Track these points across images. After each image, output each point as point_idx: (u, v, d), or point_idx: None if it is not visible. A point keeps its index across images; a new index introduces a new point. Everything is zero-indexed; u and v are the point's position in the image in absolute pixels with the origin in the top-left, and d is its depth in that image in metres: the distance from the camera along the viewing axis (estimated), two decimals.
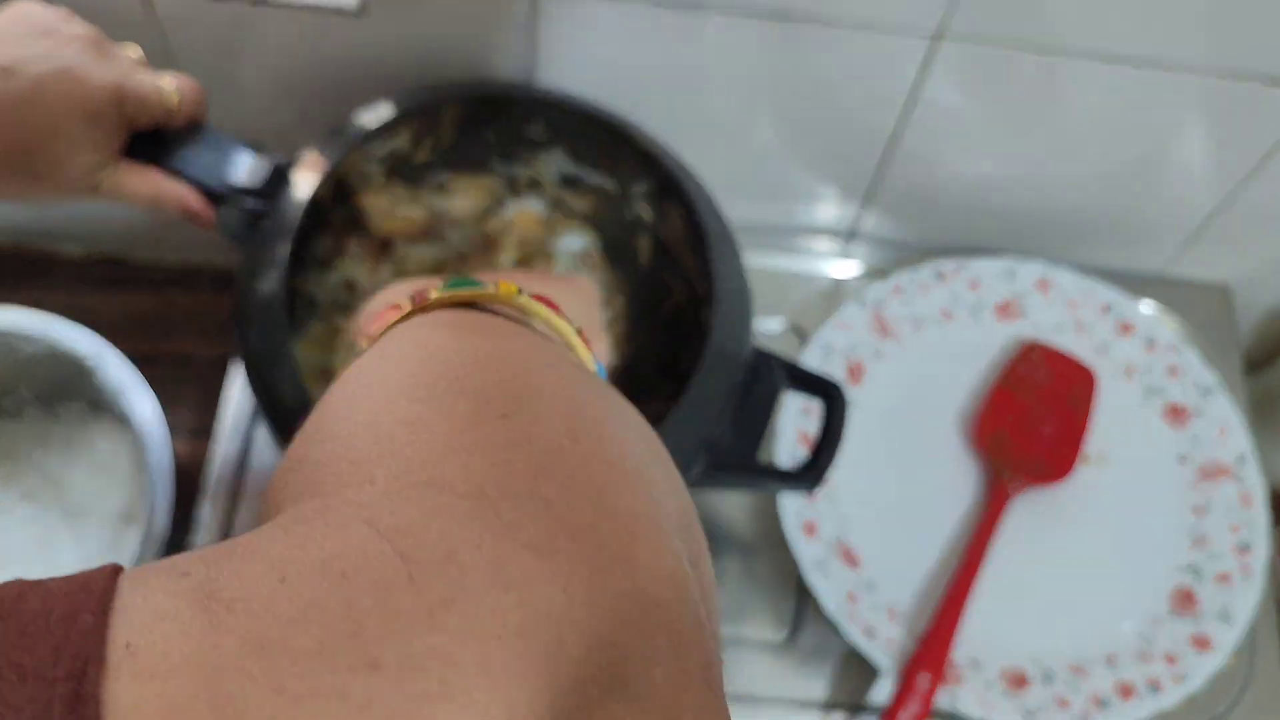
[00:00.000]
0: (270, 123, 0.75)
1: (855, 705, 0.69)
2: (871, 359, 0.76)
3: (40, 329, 0.73)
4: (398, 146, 0.65)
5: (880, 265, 0.84)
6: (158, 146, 0.56)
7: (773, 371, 0.56)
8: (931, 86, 0.69)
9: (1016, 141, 0.74)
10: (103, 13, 0.67)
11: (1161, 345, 0.77)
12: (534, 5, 0.65)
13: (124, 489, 0.76)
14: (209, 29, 0.68)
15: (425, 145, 0.66)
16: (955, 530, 0.72)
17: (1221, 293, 0.84)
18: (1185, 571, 0.71)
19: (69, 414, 0.79)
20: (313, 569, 0.23)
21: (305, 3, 0.66)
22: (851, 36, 0.66)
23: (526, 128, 0.66)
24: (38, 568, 0.73)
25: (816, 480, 0.53)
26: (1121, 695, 0.66)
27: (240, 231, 0.58)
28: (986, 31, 0.65)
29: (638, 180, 0.66)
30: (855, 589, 0.68)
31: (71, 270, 0.88)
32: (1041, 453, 0.73)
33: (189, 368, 0.84)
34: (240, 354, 0.55)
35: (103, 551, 0.74)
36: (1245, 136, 0.71)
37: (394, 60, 0.69)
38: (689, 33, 0.66)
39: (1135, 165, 0.75)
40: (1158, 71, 0.66)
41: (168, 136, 0.56)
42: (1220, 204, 0.77)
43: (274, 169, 0.58)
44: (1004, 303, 0.78)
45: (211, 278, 0.86)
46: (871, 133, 0.74)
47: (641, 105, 0.71)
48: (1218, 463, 0.73)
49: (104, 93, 0.52)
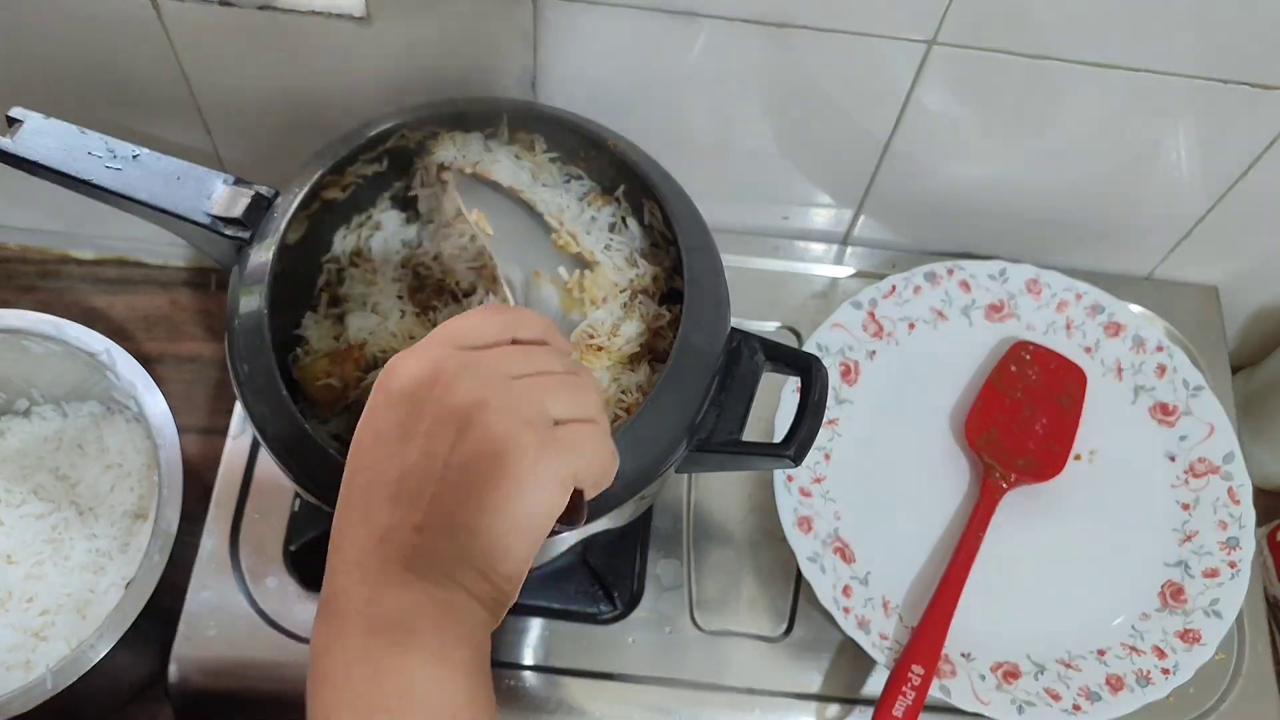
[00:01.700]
0: (272, 131, 0.77)
1: (850, 697, 0.70)
2: (865, 359, 0.77)
3: (52, 330, 0.74)
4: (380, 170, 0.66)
5: (874, 267, 0.85)
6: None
7: (754, 352, 0.57)
8: (925, 92, 0.70)
9: (1008, 146, 0.76)
10: (111, 20, 0.68)
11: (1150, 345, 0.78)
12: (536, 12, 0.66)
13: (134, 487, 0.77)
14: (215, 36, 0.69)
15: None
16: (948, 526, 0.73)
17: (1209, 294, 0.85)
18: (1174, 567, 0.72)
19: (80, 413, 0.80)
20: None
21: (311, 8, 0.67)
22: (846, 43, 0.67)
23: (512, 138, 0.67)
24: (49, 564, 0.74)
25: (800, 452, 0.54)
26: (1111, 688, 0.67)
27: (227, 259, 0.59)
28: (978, 38, 0.66)
29: (616, 182, 0.66)
30: (850, 584, 0.69)
31: (82, 272, 0.89)
32: (1032, 450, 0.74)
33: (198, 368, 0.85)
34: (231, 375, 0.56)
35: (113, 548, 0.75)
36: (1232, 140, 0.72)
37: (399, 67, 0.71)
38: (686, 40, 0.68)
39: (1125, 169, 0.76)
40: (1146, 77, 0.67)
41: None
42: (1208, 207, 0.78)
43: (254, 197, 0.59)
44: (995, 303, 0.80)
45: (220, 279, 0.87)
46: (866, 138, 0.75)
47: (639, 111, 0.72)
48: (1206, 460, 0.75)
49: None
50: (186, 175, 0.60)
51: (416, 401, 0.40)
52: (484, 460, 0.39)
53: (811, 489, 0.72)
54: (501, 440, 0.39)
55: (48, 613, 0.72)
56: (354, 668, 0.38)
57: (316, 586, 0.70)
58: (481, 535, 0.39)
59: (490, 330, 0.43)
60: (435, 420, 0.40)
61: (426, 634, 0.39)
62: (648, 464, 0.53)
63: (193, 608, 0.69)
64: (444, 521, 0.39)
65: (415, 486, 0.39)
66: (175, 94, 0.74)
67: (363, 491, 0.41)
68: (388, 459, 0.40)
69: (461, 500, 0.39)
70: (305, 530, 0.72)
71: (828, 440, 0.74)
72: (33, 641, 0.71)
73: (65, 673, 0.64)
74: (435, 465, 0.39)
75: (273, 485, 0.73)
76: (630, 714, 0.68)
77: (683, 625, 0.71)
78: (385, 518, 0.40)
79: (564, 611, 0.71)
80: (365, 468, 0.41)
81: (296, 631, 0.69)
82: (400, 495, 0.40)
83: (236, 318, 0.56)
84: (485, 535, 0.39)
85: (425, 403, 0.40)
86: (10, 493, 0.76)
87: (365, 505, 0.40)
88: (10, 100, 0.60)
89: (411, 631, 0.38)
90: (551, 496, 0.40)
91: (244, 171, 0.61)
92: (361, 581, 0.39)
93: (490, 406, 0.40)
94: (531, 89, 0.72)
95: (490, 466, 0.39)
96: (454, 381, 0.40)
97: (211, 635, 0.68)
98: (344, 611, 0.39)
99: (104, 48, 0.71)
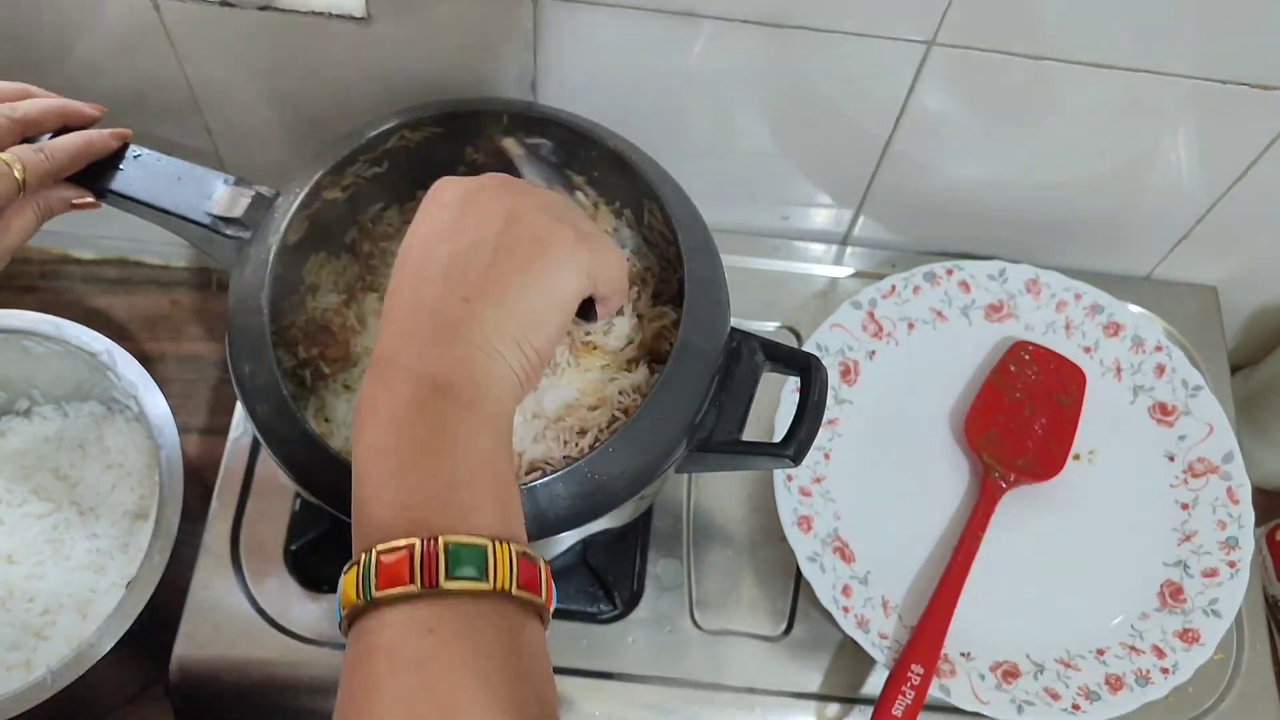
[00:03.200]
0: (273, 131, 0.77)
1: (849, 697, 0.70)
2: (865, 359, 0.77)
3: (52, 330, 0.74)
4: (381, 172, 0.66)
5: (873, 267, 0.85)
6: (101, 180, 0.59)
7: (753, 352, 0.57)
8: (924, 93, 0.71)
9: (1008, 146, 0.76)
10: (111, 23, 0.68)
11: (1149, 345, 0.78)
12: (536, 12, 0.67)
13: (135, 487, 0.77)
14: (216, 36, 0.69)
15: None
16: (947, 526, 0.73)
17: (1208, 294, 0.85)
18: (1173, 566, 0.72)
19: (80, 413, 0.81)
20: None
21: (312, 9, 0.67)
22: (846, 44, 0.67)
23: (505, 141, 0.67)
24: (50, 564, 0.74)
25: (799, 452, 0.54)
26: (1111, 687, 0.67)
27: (228, 259, 0.59)
28: (978, 39, 0.66)
29: (618, 184, 0.67)
30: (850, 583, 0.70)
31: (83, 272, 0.89)
32: (1032, 450, 0.74)
33: (199, 368, 0.85)
34: (232, 376, 0.57)
35: (114, 548, 0.75)
36: (1232, 141, 0.72)
37: (398, 68, 0.71)
38: (686, 40, 0.68)
39: (1124, 169, 0.76)
40: (1146, 77, 0.67)
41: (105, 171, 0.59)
42: (1207, 207, 0.78)
43: (255, 196, 0.59)
44: (994, 303, 0.80)
45: (221, 279, 0.87)
46: (866, 138, 0.76)
47: (639, 111, 0.72)
48: (1205, 460, 0.75)
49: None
50: (187, 175, 0.60)
51: (466, 203, 0.47)
52: (527, 243, 0.46)
53: (811, 489, 0.72)
54: (544, 229, 0.46)
55: (48, 612, 0.72)
56: (398, 411, 0.42)
57: (317, 586, 0.71)
58: (521, 306, 0.45)
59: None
60: (484, 213, 0.46)
61: (463, 386, 0.43)
62: (648, 464, 0.54)
63: (193, 607, 0.69)
64: (489, 293, 0.45)
65: (464, 264, 0.45)
66: (176, 94, 0.74)
67: (414, 274, 0.46)
68: (439, 244, 0.46)
69: (504, 276, 0.45)
70: (306, 530, 0.72)
71: (827, 440, 0.75)
72: (33, 641, 0.71)
73: (66, 672, 0.64)
74: (484, 248, 0.45)
75: (273, 485, 0.73)
76: (630, 713, 0.68)
77: (682, 625, 0.71)
78: (435, 290, 0.45)
79: (564, 611, 0.71)
80: (417, 255, 0.46)
81: (297, 631, 0.69)
82: (450, 273, 0.45)
83: (237, 318, 0.56)
84: (524, 306, 0.45)
85: (474, 204, 0.47)
86: (11, 493, 0.77)
87: (416, 285, 0.45)
88: None
89: (452, 383, 0.43)
90: (580, 280, 0.47)
91: (244, 172, 0.61)
92: (411, 342, 0.44)
93: (531, 207, 0.47)
94: (531, 89, 0.73)
95: (532, 249, 0.46)
96: (499, 190, 0.48)
97: (212, 635, 0.68)
98: (393, 365, 0.44)
99: (104, 48, 0.71)
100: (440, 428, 0.42)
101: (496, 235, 0.46)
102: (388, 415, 0.42)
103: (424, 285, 0.45)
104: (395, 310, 0.45)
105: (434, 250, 0.46)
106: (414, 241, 0.47)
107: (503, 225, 0.46)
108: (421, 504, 0.40)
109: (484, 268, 0.45)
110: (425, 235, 0.47)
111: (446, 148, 0.65)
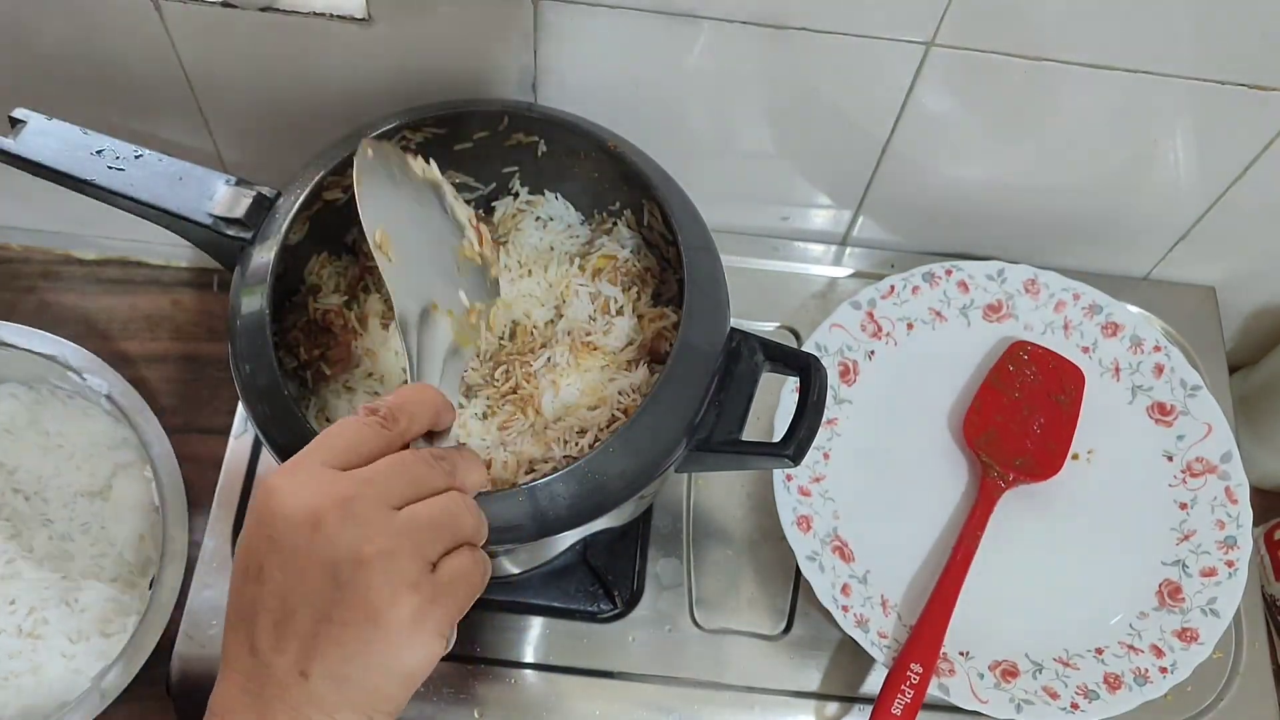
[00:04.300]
0: (274, 132, 0.77)
1: (849, 696, 0.70)
2: (864, 359, 0.78)
3: (38, 345, 0.75)
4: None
5: (873, 268, 0.86)
6: None
7: (753, 352, 0.57)
8: (923, 94, 0.71)
9: (1006, 147, 0.76)
10: (113, 21, 0.68)
11: (1148, 345, 0.78)
12: (536, 13, 0.67)
13: (81, 465, 0.77)
14: (217, 37, 0.69)
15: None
16: (946, 525, 0.73)
17: (1207, 294, 0.85)
18: (1172, 566, 0.72)
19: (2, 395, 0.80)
20: None
21: (313, 9, 0.67)
22: (845, 45, 0.67)
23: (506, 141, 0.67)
24: (19, 561, 0.74)
25: (799, 452, 0.55)
26: (1109, 686, 0.67)
27: (228, 259, 0.60)
28: (977, 40, 0.66)
29: (618, 184, 0.67)
30: (849, 582, 0.70)
31: (84, 272, 0.89)
32: (1030, 450, 0.74)
33: (200, 368, 0.85)
34: (234, 376, 0.57)
35: (72, 530, 0.75)
36: (1230, 141, 0.73)
37: (400, 68, 0.71)
38: (686, 41, 0.68)
39: (1122, 170, 0.76)
40: (1144, 78, 0.67)
41: None
42: (1206, 208, 0.78)
43: (256, 197, 0.59)
44: (993, 303, 0.80)
45: (222, 280, 0.87)
46: (865, 139, 0.76)
47: (639, 111, 0.72)
48: (1203, 460, 0.75)
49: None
50: (188, 176, 0.60)
51: (296, 544, 0.41)
52: (364, 625, 0.41)
53: (810, 488, 0.73)
54: (380, 607, 0.41)
55: (34, 610, 0.72)
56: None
57: None
58: (365, 687, 0.41)
59: (369, 445, 0.44)
60: (317, 572, 0.41)
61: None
62: (647, 463, 0.54)
63: (194, 607, 0.69)
64: (327, 671, 0.41)
65: (298, 628, 0.41)
66: (177, 95, 0.74)
67: (247, 616, 0.42)
68: (271, 594, 0.42)
69: (345, 657, 0.41)
70: None
71: (827, 440, 0.75)
72: (30, 643, 0.71)
73: (114, 684, 0.66)
74: (317, 616, 0.41)
75: None
76: (630, 712, 0.69)
77: (682, 624, 0.71)
78: (270, 651, 0.41)
79: (564, 610, 0.71)
80: (251, 595, 0.42)
81: None
82: (285, 633, 0.41)
83: (238, 318, 0.57)
84: (367, 687, 0.42)
85: (304, 549, 0.41)
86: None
87: (251, 632, 0.42)
88: (13, 101, 0.61)
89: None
90: (431, 649, 0.42)
91: (246, 172, 0.62)
92: (249, 708, 0.42)
93: (369, 565, 0.41)
94: (531, 90, 0.73)
95: (370, 632, 0.41)
96: (335, 532, 0.41)
97: (213, 634, 0.68)
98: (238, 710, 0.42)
99: (106, 49, 0.71)
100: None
101: (330, 604, 0.41)
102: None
103: (260, 636, 0.42)
104: (233, 654, 0.43)
105: (266, 598, 0.42)
106: (247, 570, 0.42)
107: (335, 592, 0.41)
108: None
109: (318, 641, 0.41)
110: (257, 570, 0.42)
111: (447, 148, 0.65)
